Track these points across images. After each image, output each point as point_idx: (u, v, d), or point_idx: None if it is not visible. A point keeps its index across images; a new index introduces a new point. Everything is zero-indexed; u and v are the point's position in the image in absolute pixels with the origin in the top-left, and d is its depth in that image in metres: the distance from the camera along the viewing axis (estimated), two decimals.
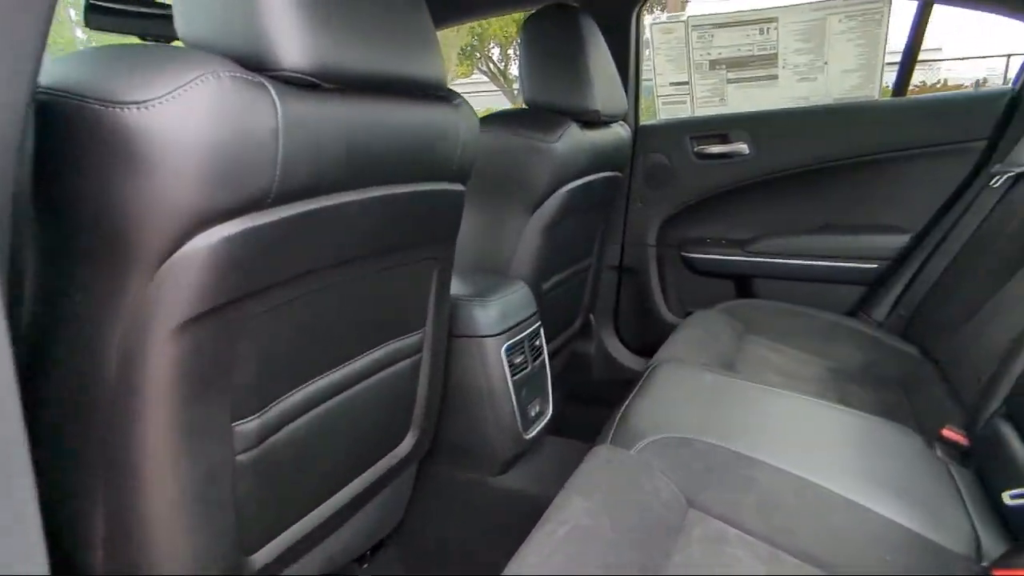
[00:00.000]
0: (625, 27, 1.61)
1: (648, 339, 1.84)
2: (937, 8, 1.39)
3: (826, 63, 1.53)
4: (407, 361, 0.91)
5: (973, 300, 1.22)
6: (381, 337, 0.84)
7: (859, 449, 0.92)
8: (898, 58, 1.47)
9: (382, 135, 0.66)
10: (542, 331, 1.25)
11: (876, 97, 1.54)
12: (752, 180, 1.62)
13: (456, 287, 1.15)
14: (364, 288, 0.76)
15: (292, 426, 0.72)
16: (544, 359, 1.25)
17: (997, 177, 1.30)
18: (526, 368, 1.16)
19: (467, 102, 0.82)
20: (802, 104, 1.60)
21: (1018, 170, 1.27)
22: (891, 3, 1.41)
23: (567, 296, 1.55)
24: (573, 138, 1.25)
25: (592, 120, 1.31)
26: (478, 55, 14.09)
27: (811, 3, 1.48)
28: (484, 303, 1.11)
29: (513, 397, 1.12)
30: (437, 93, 0.75)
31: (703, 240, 1.75)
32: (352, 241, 0.68)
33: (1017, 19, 1.26)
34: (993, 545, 0.76)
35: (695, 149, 1.66)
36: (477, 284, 1.19)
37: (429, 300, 0.91)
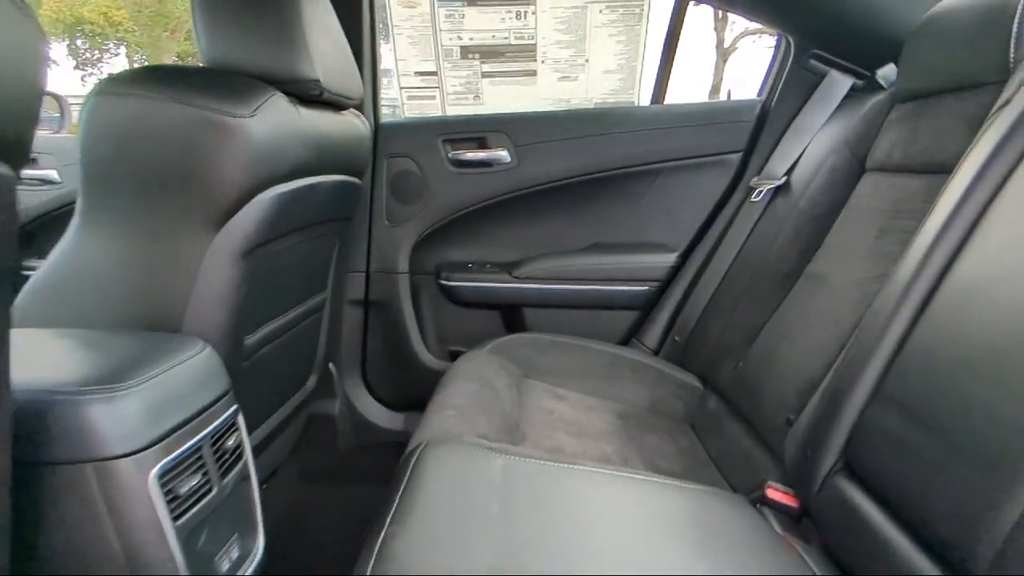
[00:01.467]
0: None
1: (407, 389, 1.47)
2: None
3: (587, 61, 1.36)
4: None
5: (749, 323, 1.12)
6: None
7: (698, 548, 0.67)
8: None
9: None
10: (241, 419, 0.78)
11: (636, 103, 1.42)
12: (515, 193, 1.38)
13: (57, 367, 0.64)
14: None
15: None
16: (246, 465, 0.79)
17: (757, 190, 1.25)
18: (207, 495, 0.69)
19: None
20: (564, 106, 1.42)
21: (777, 183, 1.22)
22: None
23: (293, 347, 1.10)
24: (281, 115, 0.83)
25: (310, 95, 0.90)
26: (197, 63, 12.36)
27: None
28: (111, 395, 0.61)
29: (179, 554, 0.63)
30: None
31: (464, 265, 1.46)
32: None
33: (766, 24, 1.22)
34: None
35: (449, 155, 1.36)
36: (106, 357, 0.68)
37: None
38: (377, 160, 1.38)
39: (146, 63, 12.15)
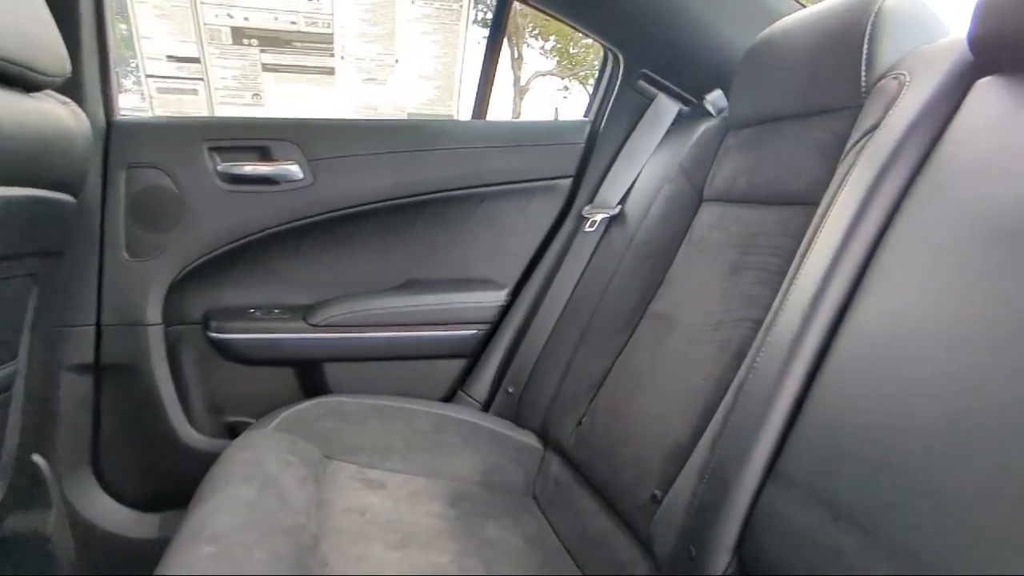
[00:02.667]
0: None
1: (164, 481, 1.10)
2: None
3: (397, 61, 1.14)
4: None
5: (591, 371, 0.98)
6: None
7: None
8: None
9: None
10: None
11: (455, 116, 1.23)
12: (310, 219, 1.10)
13: None
14: None
15: None
16: None
17: (590, 220, 1.13)
18: None
19: None
20: (371, 115, 1.17)
21: (611, 212, 1.11)
22: None
23: None
24: None
25: None
26: None
27: None
28: None
29: None
30: None
31: (244, 311, 1.13)
32: None
33: (595, 38, 1.11)
34: None
35: (219, 167, 1.04)
36: None
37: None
38: (110, 171, 1.00)
39: None
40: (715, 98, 1.05)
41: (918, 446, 0.44)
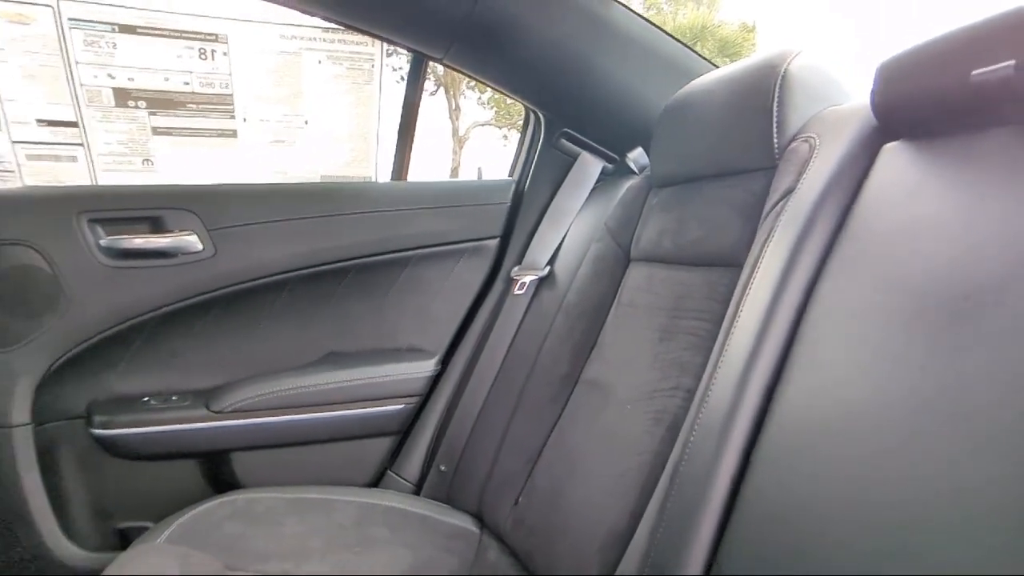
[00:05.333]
0: None
1: None
2: None
3: (306, 122, 1.07)
4: None
5: (527, 444, 0.92)
6: None
7: None
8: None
9: None
10: None
11: (374, 179, 1.17)
12: (211, 293, 0.99)
13: None
14: None
15: None
16: None
17: (521, 282, 1.08)
18: None
19: None
20: (282, 180, 1.09)
21: (539, 274, 1.07)
22: (383, 53, 1.06)
23: None
24: None
25: None
26: None
27: (276, 25, 0.99)
28: None
29: None
30: None
31: (135, 400, 1.00)
32: None
33: (515, 98, 1.09)
34: None
35: (102, 242, 0.93)
36: None
37: None
38: None
39: None
40: (637, 156, 1.04)
41: (856, 532, 0.41)
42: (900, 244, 0.50)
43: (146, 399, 1.00)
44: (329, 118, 1.08)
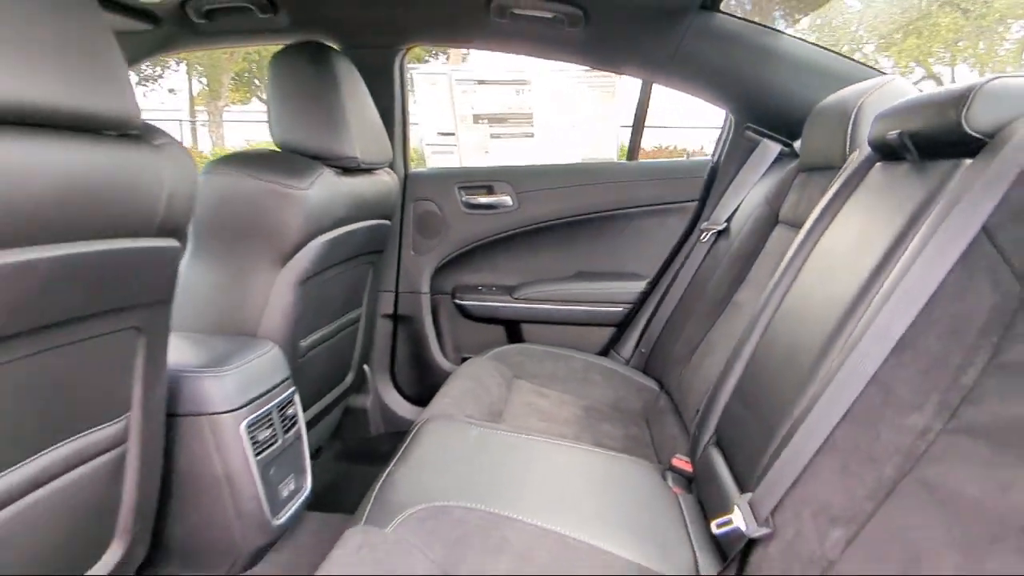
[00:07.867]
0: (388, 73, 1.60)
1: (426, 388, 1.81)
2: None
3: (573, 126, 1.69)
4: (106, 456, 0.75)
5: (692, 337, 1.41)
6: (65, 431, 0.69)
7: (603, 490, 0.98)
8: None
9: (46, 181, 0.55)
10: (297, 397, 1.13)
11: (614, 160, 1.74)
12: (515, 230, 1.71)
13: (184, 356, 0.99)
14: (35, 368, 0.62)
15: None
16: (300, 428, 1.13)
17: (704, 233, 1.54)
18: (275, 443, 1.04)
19: (176, 142, 0.70)
20: (556, 162, 1.74)
21: (718, 228, 1.51)
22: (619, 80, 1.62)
23: (336, 350, 1.45)
24: (328, 185, 1.17)
25: (350, 167, 1.25)
26: (256, 82, 13.18)
27: (556, 72, 1.63)
28: (218, 374, 0.96)
29: (258, 480, 0.98)
30: (126, 131, 0.63)
31: (475, 287, 1.79)
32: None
33: (712, 102, 1.52)
34: (711, 567, 0.85)
35: (463, 199, 1.71)
36: (213, 350, 1.03)
37: (134, 378, 0.76)
38: (406, 203, 1.73)
39: (204, 80, 13.01)
40: (799, 144, 1.39)
41: (787, 365, 0.85)
42: None
43: (480, 287, 1.79)
44: (586, 122, 1.68)
